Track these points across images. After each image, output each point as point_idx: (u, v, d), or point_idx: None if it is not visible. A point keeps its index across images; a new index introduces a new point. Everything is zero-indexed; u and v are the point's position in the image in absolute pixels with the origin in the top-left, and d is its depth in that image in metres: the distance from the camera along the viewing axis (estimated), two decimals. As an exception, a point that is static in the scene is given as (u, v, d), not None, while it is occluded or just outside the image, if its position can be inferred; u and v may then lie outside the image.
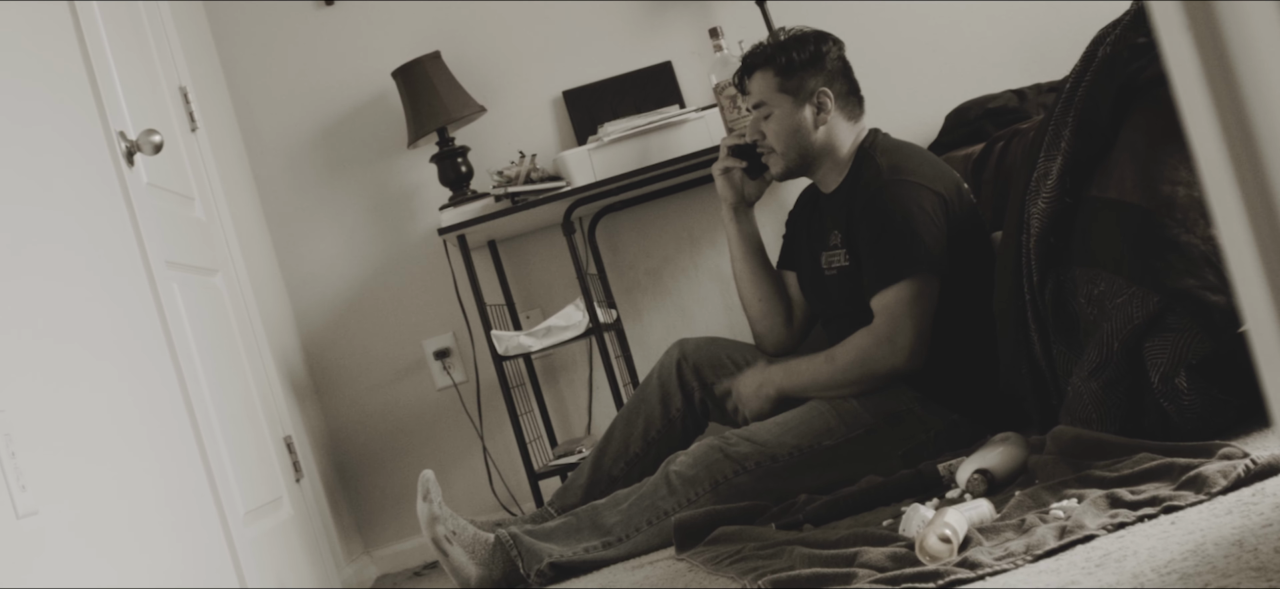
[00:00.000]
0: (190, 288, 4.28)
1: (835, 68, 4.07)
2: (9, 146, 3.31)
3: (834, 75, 4.06)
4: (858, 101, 4.09)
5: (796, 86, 4.02)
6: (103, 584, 3.02)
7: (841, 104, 4.04)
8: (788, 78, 4.03)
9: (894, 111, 4.79)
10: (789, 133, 4.05)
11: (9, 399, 2.87)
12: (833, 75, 4.05)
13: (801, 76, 4.02)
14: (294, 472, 4.79)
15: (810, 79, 4.02)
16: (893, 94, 4.93)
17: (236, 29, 5.53)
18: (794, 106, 4.03)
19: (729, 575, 3.16)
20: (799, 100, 4.02)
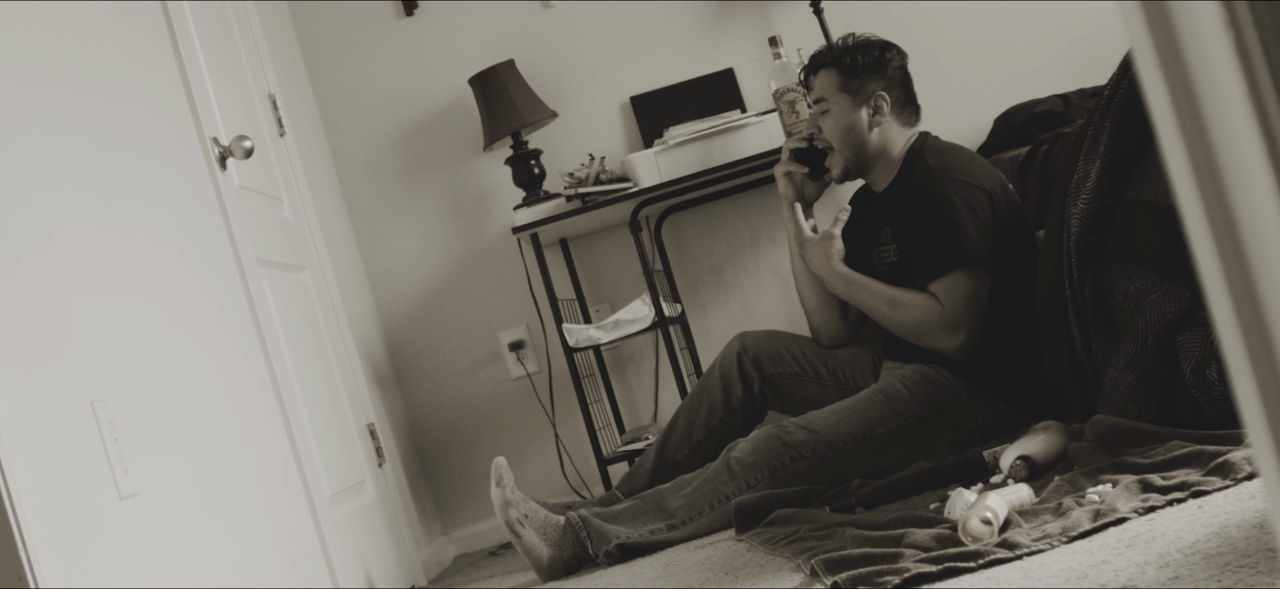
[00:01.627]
0: (279, 284, 4.34)
1: (895, 75, 4.09)
2: (112, 150, 3.39)
3: (893, 82, 4.08)
4: (914, 110, 4.12)
5: (857, 87, 4.05)
6: (198, 561, 3.08)
7: (897, 110, 4.07)
8: (849, 78, 4.06)
9: (947, 115, 4.80)
10: (844, 130, 4.08)
11: (113, 389, 2.94)
12: (892, 82, 4.08)
13: (862, 78, 4.05)
14: (377, 457, 4.83)
15: (870, 82, 4.05)
16: (945, 98, 4.93)
17: (322, 38, 5.59)
18: (851, 106, 4.05)
19: (784, 555, 3.19)
20: (857, 100, 4.05)
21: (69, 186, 3.10)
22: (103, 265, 3.14)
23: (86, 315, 2.97)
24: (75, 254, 3.02)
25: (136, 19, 3.89)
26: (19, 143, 2.90)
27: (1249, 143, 0.70)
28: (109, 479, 2.81)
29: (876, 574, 2.63)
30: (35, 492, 2.47)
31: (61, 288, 2.89)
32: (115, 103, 3.52)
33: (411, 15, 5.53)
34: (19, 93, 3.02)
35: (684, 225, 5.41)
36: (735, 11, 5.34)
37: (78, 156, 3.19)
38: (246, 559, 3.38)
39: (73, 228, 3.04)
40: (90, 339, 2.95)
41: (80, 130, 3.26)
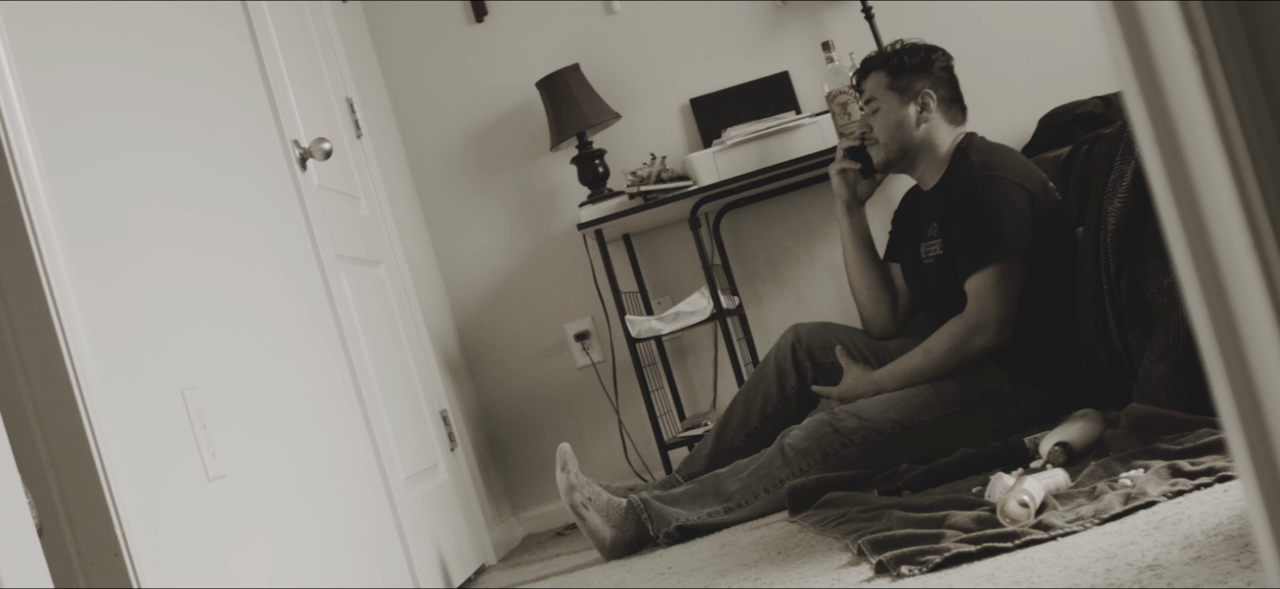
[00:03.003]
0: (356, 278, 4.38)
1: (941, 75, 4.12)
2: (200, 150, 3.44)
3: (939, 81, 4.11)
4: (960, 109, 4.14)
5: (904, 86, 4.08)
6: (281, 539, 3.14)
7: (943, 108, 4.09)
8: (897, 78, 4.10)
9: (993, 115, 4.82)
10: (893, 126, 4.11)
11: (201, 377, 2.99)
12: (938, 81, 4.11)
13: (910, 78, 4.08)
14: (449, 441, 4.87)
15: (917, 81, 4.08)
16: (992, 99, 4.94)
17: (396, 43, 5.65)
18: (899, 103, 4.08)
19: (834, 536, 3.23)
20: (904, 98, 4.08)
21: (160, 185, 3.15)
22: (192, 261, 3.19)
23: (176, 308, 3.02)
24: (165, 250, 3.07)
25: (220, 22, 3.94)
26: (119, 144, 2.96)
27: (1214, 155, 0.76)
28: (198, 462, 2.86)
29: (919, 553, 2.67)
30: (129, 473, 2.52)
31: (153, 282, 2.94)
32: (203, 105, 3.58)
33: (481, 21, 5.58)
34: (119, 93, 3.08)
35: (741, 221, 5.43)
36: (790, 17, 5.36)
37: (169, 156, 3.24)
38: (326, 538, 3.43)
39: (162, 223, 3.09)
40: (180, 331, 3.00)
41: (172, 132, 3.31)
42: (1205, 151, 0.78)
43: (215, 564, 2.78)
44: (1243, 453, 0.85)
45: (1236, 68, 0.75)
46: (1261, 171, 0.75)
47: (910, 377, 4.03)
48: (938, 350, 3.98)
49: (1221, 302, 0.80)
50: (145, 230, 2.99)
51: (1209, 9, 0.76)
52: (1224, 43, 0.75)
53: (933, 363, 3.99)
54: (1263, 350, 0.79)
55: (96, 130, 2.90)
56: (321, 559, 3.35)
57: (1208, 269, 0.80)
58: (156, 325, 2.90)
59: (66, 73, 2.86)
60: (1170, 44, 0.78)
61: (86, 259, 2.65)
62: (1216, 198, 0.78)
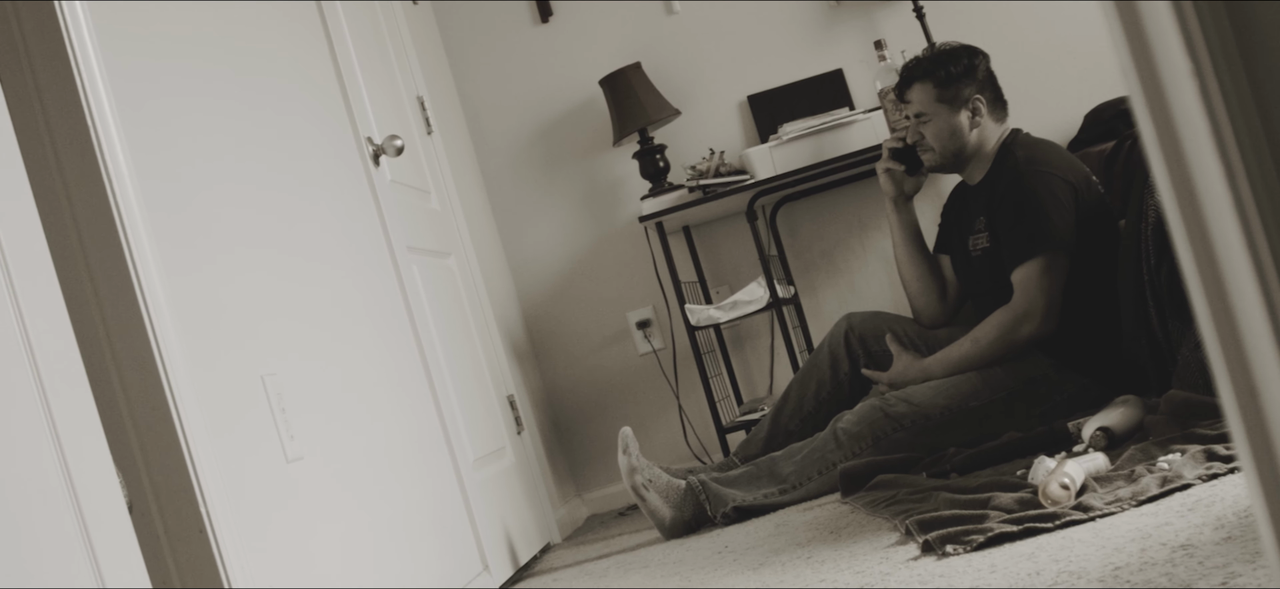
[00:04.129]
0: (427, 269, 4.42)
1: (985, 77, 4.12)
2: (280, 145, 3.48)
3: (984, 84, 4.11)
4: (1003, 106, 4.14)
5: (953, 96, 4.08)
6: (357, 518, 3.19)
7: (991, 109, 4.10)
8: (945, 88, 4.09)
9: (1040, 111, 4.82)
10: (947, 135, 4.11)
11: (280, 364, 3.03)
12: (984, 84, 4.11)
13: (958, 87, 4.08)
14: (516, 425, 4.90)
15: (965, 88, 4.07)
16: (1040, 95, 4.93)
17: (465, 43, 5.69)
18: (951, 113, 4.09)
19: (884, 516, 3.26)
20: (955, 107, 4.08)
21: (240, 179, 3.19)
22: (271, 253, 3.23)
23: (256, 297, 3.06)
24: (246, 241, 3.10)
25: (297, 22, 3.99)
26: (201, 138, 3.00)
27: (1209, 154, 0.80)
28: (277, 444, 2.89)
29: (963, 533, 2.70)
30: (213, 454, 2.56)
31: (234, 273, 2.98)
32: (280, 103, 3.62)
33: (547, 22, 5.61)
34: (200, 84, 3.12)
35: (797, 214, 5.44)
36: (843, 17, 5.36)
37: (249, 152, 3.29)
38: (398, 517, 3.46)
39: (243, 216, 3.13)
40: (260, 320, 3.03)
41: (252, 128, 3.35)
42: (1202, 152, 0.82)
43: (293, 541, 2.81)
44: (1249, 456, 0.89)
45: (1230, 81, 0.79)
46: (1250, 168, 0.79)
47: (958, 364, 4.05)
48: (985, 339, 4.00)
49: (1219, 293, 0.85)
50: (226, 223, 3.03)
51: (1207, 30, 0.80)
52: (1219, 59, 0.79)
53: (980, 351, 4.00)
54: (1257, 338, 0.83)
55: (179, 123, 2.93)
56: (394, 537, 3.38)
57: (1207, 260, 0.84)
58: (238, 315, 2.93)
59: (150, 63, 2.90)
60: (1171, 61, 0.82)
61: (172, 253, 2.69)
62: (1211, 189, 0.82)
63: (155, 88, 2.88)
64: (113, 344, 2.49)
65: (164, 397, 2.48)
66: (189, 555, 2.44)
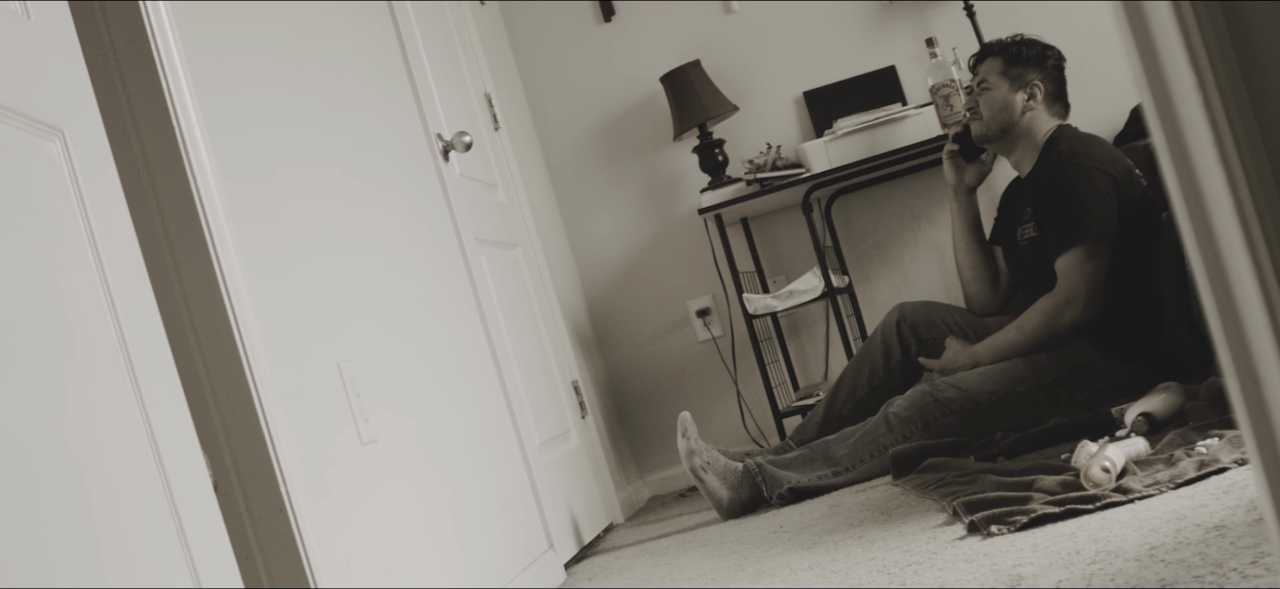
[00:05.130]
0: (495, 259, 4.46)
1: (1052, 72, 4.15)
2: (353, 141, 3.53)
3: (1049, 77, 4.14)
4: (1063, 106, 4.14)
5: (1017, 74, 4.11)
6: (428, 498, 3.23)
7: (1048, 101, 4.11)
8: (1011, 65, 4.13)
9: (1088, 107, 4.81)
10: (998, 107, 4.13)
11: (355, 351, 3.08)
12: (1048, 76, 4.13)
13: (1023, 67, 4.11)
14: (580, 410, 4.94)
15: (1029, 72, 4.11)
16: (1087, 92, 4.91)
17: (531, 41, 5.74)
18: (1010, 89, 4.11)
19: (933, 498, 3.28)
20: (1015, 85, 4.10)
21: (316, 174, 3.24)
22: (345, 244, 3.27)
23: (333, 287, 3.10)
24: (322, 234, 3.15)
25: (369, 21, 4.03)
26: (278, 131, 3.05)
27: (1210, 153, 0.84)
28: (352, 428, 2.93)
29: (1008, 514, 2.73)
30: (292, 438, 2.60)
31: (312, 264, 3.02)
32: (354, 100, 3.67)
33: (609, 21, 5.66)
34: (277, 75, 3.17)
35: (851, 206, 5.46)
36: (896, 15, 5.38)
37: (324, 146, 3.33)
38: (468, 497, 3.50)
39: (319, 210, 3.18)
40: (336, 308, 3.08)
41: (326, 123, 3.40)
42: (1205, 151, 0.86)
43: (368, 519, 2.85)
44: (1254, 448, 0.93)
45: (1230, 94, 0.83)
46: (1248, 167, 0.83)
47: (1005, 350, 4.06)
48: (1030, 326, 4.01)
49: (1224, 286, 0.89)
50: (303, 217, 3.07)
51: (1210, 47, 0.84)
52: (1220, 72, 0.83)
53: (1025, 338, 4.01)
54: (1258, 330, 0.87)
55: (257, 122, 2.98)
56: (463, 516, 3.41)
57: (1212, 256, 0.88)
58: (315, 305, 2.97)
59: (229, 62, 2.95)
60: (1178, 75, 0.86)
61: (252, 247, 2.74)
62: (1211, 182, 0.86)
63: (235, 88, 2.93)
64: (198, 334, 2.54)
65: (246, 383, 2.53)
66: (270, 532, 2.48)
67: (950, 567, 2.53)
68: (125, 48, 2.59)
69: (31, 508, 1.57)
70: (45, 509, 1.60)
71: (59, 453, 1.67)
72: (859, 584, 2.63)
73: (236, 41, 3.03)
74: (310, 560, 2.49)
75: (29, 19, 2.03)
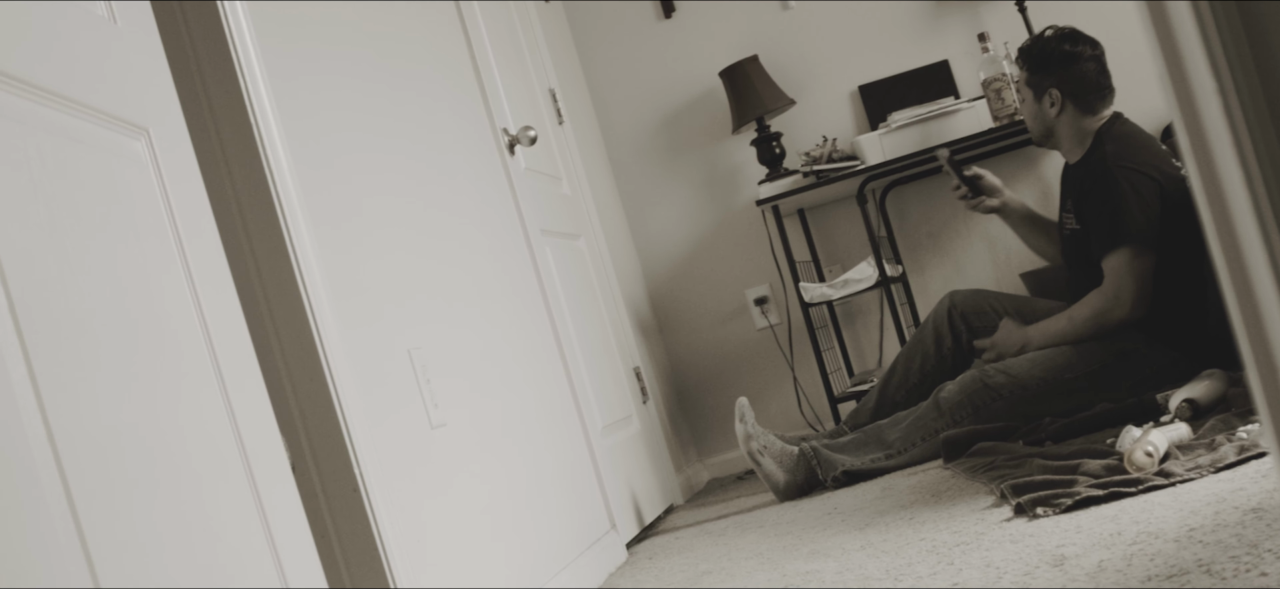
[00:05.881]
0: (559, 250, 4.51)
1: (1078, 69, 4.01)
2: (422, 134, 3.57)
3: (1071, 77, 4.01)
4: (1098, 97, 4.01)
5: (1037, 83, 4.06)
6: (495, 479, 3.27)
7: (1075, 101, 4.01)
8: (1032, 73, 4.08)
9: (1137, 101, 4.79)
10: (1031, 117, 4.12)
11: (424, 338, 3.13)
12: (1068, 78, 4.02)
13: (1041, 75, 4.04)
14: (641, 395, 4.98)
15: (1045, 79, 4.03)
16: (1137, 86, 4.89)
17: (594, 38, 5.78)
18: (1033, 98, 4.08)
19: (982, 481, 3.31)
20: (1037, 94, 4.06)
21: (387, 166, 3.28)
22: (416, 235, 3.32)
23: (403, 277, 3.15)
24: (393, 225, 3.19)
25: (436, 20, 4.08)
26: (352, 131, 3.10)
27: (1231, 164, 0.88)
28: (422, 412, 2.98)
29: (1053, 497, 2.75)
30: (365, 421, 2.66)
31: (383, 255, 3.07)
32: (423, 94, 3.71)
33: (669, 18, 5.69)
34: (347, 65, 3.22)
35: (905, 197, 5.47)
36: (949, 10, 5.37)
37: (394, 138, 3.38)
38: (533, 479, 3.54)
39: (390, 202, 3.22)
40: (406, 296, 3.12)
41: (396, 115, 3.45)
42: (1224, 149, 0.89)
43: (438, 500, 2.90)
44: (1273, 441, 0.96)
45: (1249, 96, 0.86)
46: (1264, 165, 0.87)
47: (1054, 338, 4.05)
48: (1079, 319, 4.00)
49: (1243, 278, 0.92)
50: (375, 208, 3.12)
51: (1229, 56, 0.87)
52: (1239, 77, 0.86)
53: (1074, 329, 4.00)
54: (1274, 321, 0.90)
55: (331, 117, 3.04)
56: (529, 497, 3.46)
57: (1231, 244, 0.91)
58: (386, 293, 3.02)
59: (303, 58, 3.00)
60: (1200, 81, 0.89)
61: (327, 238, 2.80)
62: (1231, 179, 0.89)
63: (308, 84, 2.98)
64: (276, 323, 2.59)
65: (321, 369, 2.58)
66: (344, 511, 2.54)
67: (997, 547, 2.56)
68: (204, 47, 2.65)
69: (126, 490, 1.63)
70: (139, 491, 1.66)
71: (150, 438, 1.73)
72: (909, 563, 2.66)
73: (310, 39, 3.08)
74: (383, 538, 2.54)
75: (115, 22, 2.09)
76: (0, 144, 1.63)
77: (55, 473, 1.50)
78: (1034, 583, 2.19)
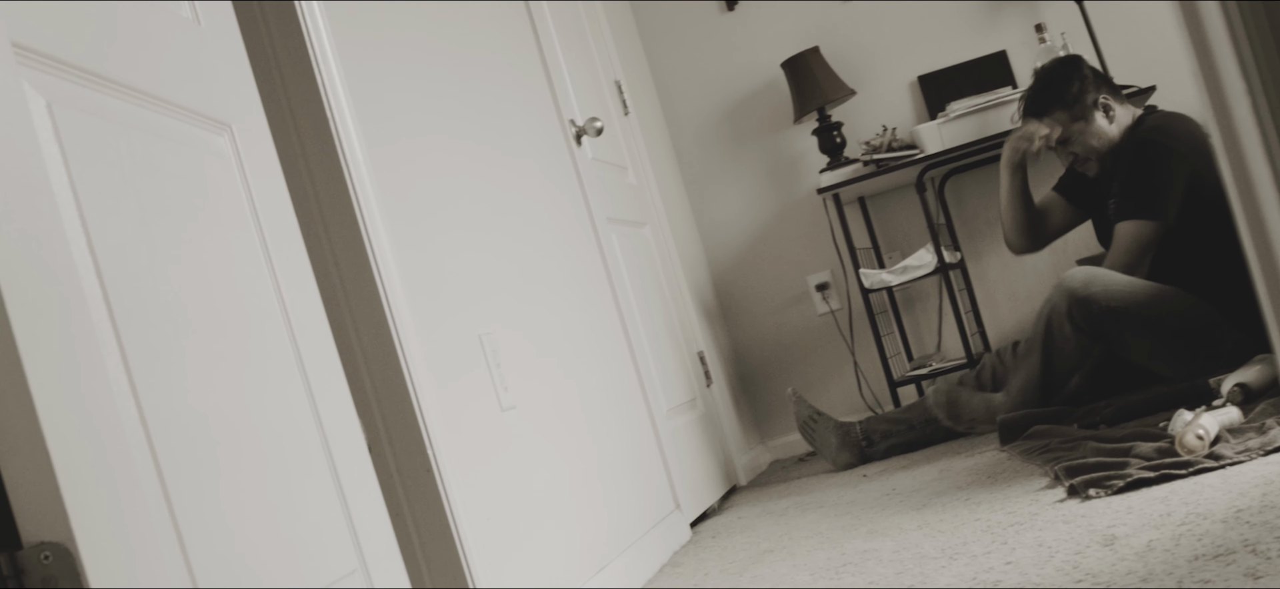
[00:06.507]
0: (624, 237, 4.54)
1: (1093, 76, 4.10)
2: (492, 125, 3.61)
3: (1099, 82, 4.10)
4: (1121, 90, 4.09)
5: (1083, 110, 4.07)
6: (562, 460, 3.31)
7: (1114, 97, 4.08)
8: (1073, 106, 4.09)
9: (1183, 86, 4.79)
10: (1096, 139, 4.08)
11: (494, 323, 3.17)
12: (1096, 82, 4.09)
13: (1081, 100, 4.07)
14: (705, 379, 5.01)
15: (1086, 95, 4.07)
16: (1181, 70, 4.89)
17: (658, 30, 5.81)
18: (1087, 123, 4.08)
19: (1037, 463, 3.33)
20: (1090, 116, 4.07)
21: (458, 157, 3.32)
22: (487, 224, 3.35)
23: (474, 265, 3.18)
24: (464, 214, 3.23)
25: (506, 16, 4.11)
26: (424, 125, 3.14)
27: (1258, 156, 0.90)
28: (493, 395, 3.02)
29: (1105, 478, 2.77)
30: (438, 404, 2.70)
31: (454, 243, 3.11)
32: (492, 86, 3.74)
33: (732, 10, 5.70)
34: (422, 76, 3.25)
35: (963, 185, 5.47)
36: (1007, 2, 5.38)
37: (465, 129, 3.42)
38: (599, 460, 3.58)
39: (461, 192, 3.26)
40: (476, 283, 3.16)
41: (466, 107, 3.48)
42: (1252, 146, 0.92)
43: (508, 479, 2.94)
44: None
45: (1276, 95, 0.89)
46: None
47: None
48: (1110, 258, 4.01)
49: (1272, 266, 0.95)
50: (446, 198, 3.16)
51: (1259, 60, 0.90)
52: (1268, 79, 0.89)
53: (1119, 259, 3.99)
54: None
55: (405, 113, 3.08)
56: (596, 478, 3.50)
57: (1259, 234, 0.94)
58: (458, 281, 3.06)
59: (374, 44, 3.04)
60: (1231, 84, 0.92)
61: (400, 229, 2.84)
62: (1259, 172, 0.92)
63: (381, 75, 3.02)
64: (351, 308, 2.64)
65: (395, 354, 2.63)
66: (418, 490, 2.58)
67: (1050, 527, 2.58)
68: (283, 45, 2.70)
69: (213, 469, 1.69)
70: (225, 470, 1.72)
71: (235, 419, 1.79)
72: (964, 542, 2.69)
73: (383, 33, 3.12)
74: (455, 515, 2.59)
75: (199, 23, 2.15)
76: (93, 141, 1.69)
77: (147, 453, 1.56)
78: (1084, 562, 2.21)
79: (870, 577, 2.63)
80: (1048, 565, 2.27)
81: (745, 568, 3.17)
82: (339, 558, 1.95)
